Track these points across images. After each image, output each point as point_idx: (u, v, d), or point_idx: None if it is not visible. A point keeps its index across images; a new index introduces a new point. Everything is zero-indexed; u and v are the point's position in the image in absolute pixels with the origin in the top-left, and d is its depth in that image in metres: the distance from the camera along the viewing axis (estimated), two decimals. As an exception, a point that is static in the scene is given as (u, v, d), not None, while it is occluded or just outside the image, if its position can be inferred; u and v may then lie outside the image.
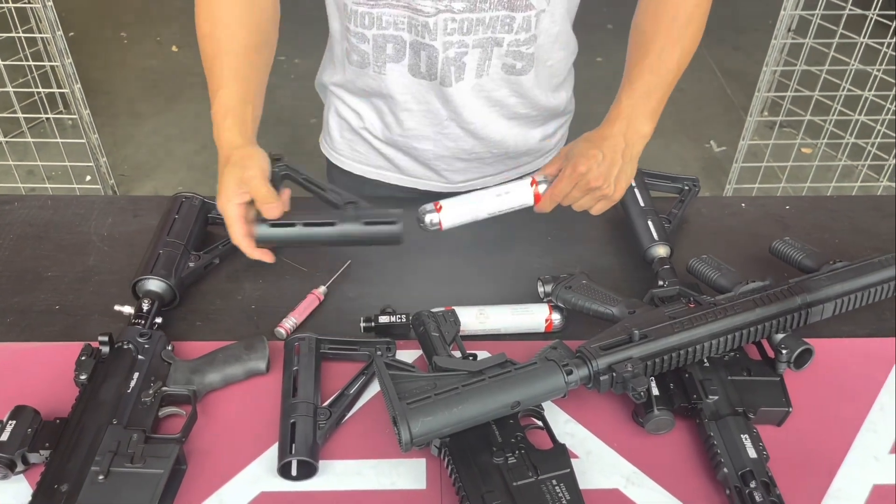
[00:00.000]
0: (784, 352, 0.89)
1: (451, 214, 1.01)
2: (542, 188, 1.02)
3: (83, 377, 0.86)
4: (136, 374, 0.87)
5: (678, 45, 1.02)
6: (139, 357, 0.89)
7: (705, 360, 0.90)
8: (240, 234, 0.93)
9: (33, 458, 0.79)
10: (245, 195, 0.92)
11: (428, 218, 1.01)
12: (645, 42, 1.03)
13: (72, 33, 3.79)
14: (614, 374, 0.82)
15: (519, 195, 1.02)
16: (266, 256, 0.96)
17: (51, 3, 2.37)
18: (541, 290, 1.00)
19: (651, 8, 1.05)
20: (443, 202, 1.01)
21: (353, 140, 1.23)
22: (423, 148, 1.18)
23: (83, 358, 0.87)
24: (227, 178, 0.92)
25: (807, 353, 0.90)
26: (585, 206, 1.01)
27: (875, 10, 2.43)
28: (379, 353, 0.93)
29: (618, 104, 1.01)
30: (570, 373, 0.81)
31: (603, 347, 0.84)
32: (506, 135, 1.17)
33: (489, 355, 0.93)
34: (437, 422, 0.76)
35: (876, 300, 0.98)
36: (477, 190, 1.04)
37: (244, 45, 1.01)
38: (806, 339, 0.91)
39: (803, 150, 2.93)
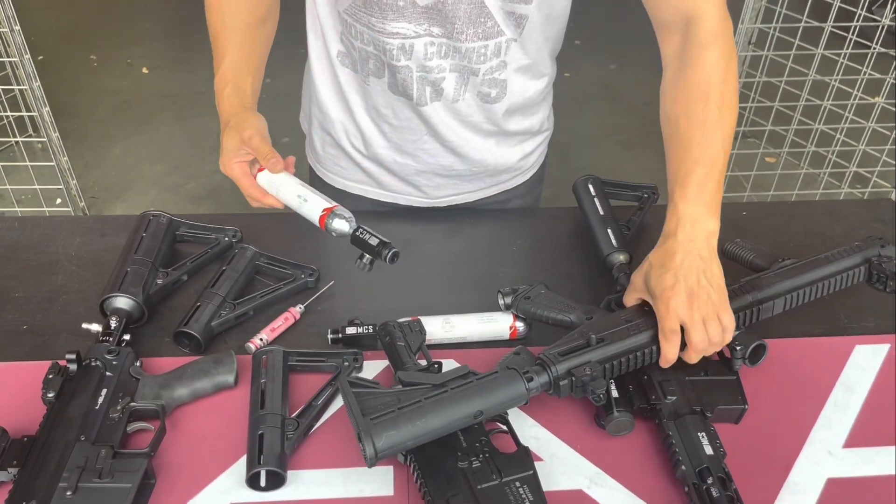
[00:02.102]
0: (738, 349, 0.91)
1: (261, 181, 1.00)
2: (334, 222, 0.93)
3: (51, 395, 0.86)
4: (104, 391, 0.88)
5: (717, 128, 0.93)
6: (107, 374, 0.89)
7: None
8: (249, 186, 0.99)
9: (1, 476, 0.80)
10: (246, 155, 0.98)
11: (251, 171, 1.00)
12: (681, 136, 0.95)
13: (41, 56, 3.78)
14: (573, 379, 0.84)
15: (312, 207, 0.95)
16: (276, 203, 1.00)
17: (18, 28, 2.37)
18: (501, 302, 1.02)
19: (680, 97, 0.96)
20: (261, 174, 1.00)
21: (335, 155, 1.25)
22: (404, 162, 1.20)
23: (50, 376, 0.88)
24: (227, 141, 0.98)
25: (760, 349, 0.93)
26: (716, 331, 0.87)
27: (830, 22, 2.50)
28: (346, 363, 0.95)
29: (674, 211, 0.92)
30: (530, 380, 0.83)
31: (562, 353, 0.86)
32: (484, 154, 1.20)
33: (455, 363, 0.96)
34: (400, 435, 0.76)
35: (824, 294, 1.01)
36: (295, 182, 0.98)
37: (247, 20, 1.07)
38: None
39: (766, 159, 2.99)
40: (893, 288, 1.03)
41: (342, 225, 0.93)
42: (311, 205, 0.95)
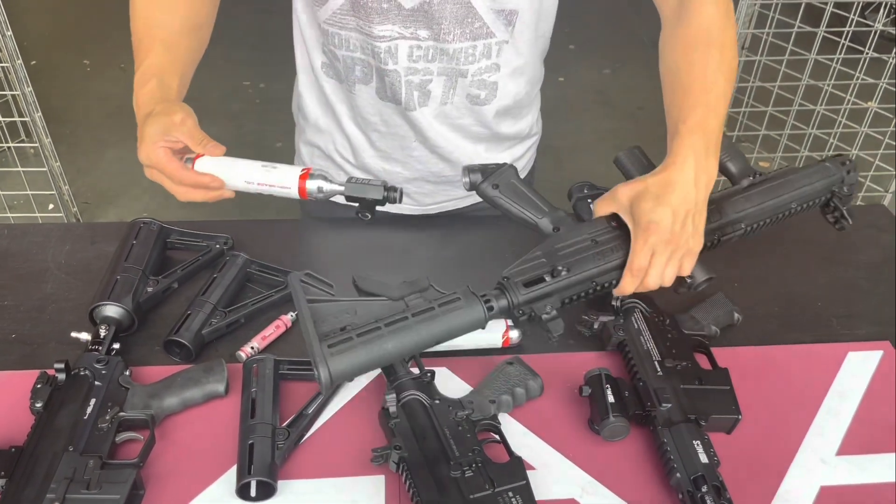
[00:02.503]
0: (689, 280, 0.88)
1: (204, 167, 0.93)
2: (311, 184, 0.91)
3: (39, 405, 0.85)
4: (92, 401, 0.87)
5: (719, 73, 0.91)
6: (96, 383, 0.89)
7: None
8: (178, 168, 0.90)
9: (-12, 487, 0.79)
10: (173, 143, 0.90)
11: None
12: (682, 80, 0.93)
13: (34, 62, 3.77)
14: (532, 314, 0.82)
15: (285, 173, 0.92)
16: (222, 187, 0.92)
17: (10, 33, 2.36)
18: (465, 180, 0.96)
19: (680, 45, 0.96)
20: (201, 160, 0.92)
21: (324, 166, 1.24)
22: (393, 170, 1.20)
23: (39, 386, 0.87)
24: (151, 127, 0.90)
25: (708, 281, 0.90)
26: (671, 275, 0.86)
27: (823, 27, 2.51)
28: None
29: (680, 143, 0.87)
30: (490, 309, 0.80)
31: (525, 283, 0.82)
32: (474, 159, 1.19)
33: (448, 372, 0.95)
34: (357, 364, 0.74)
35: (784, 220, 1.00)
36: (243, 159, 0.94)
37: (179, 25, 1.00)
38: (754, 347, 0.94)
39: (761, 163, 3.00)
40: (843, 226, 1.04)
41: (326, 184, 0.88)
42: (283, 171, 0.89)
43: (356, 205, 0.95)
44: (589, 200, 0.96)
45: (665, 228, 0.83)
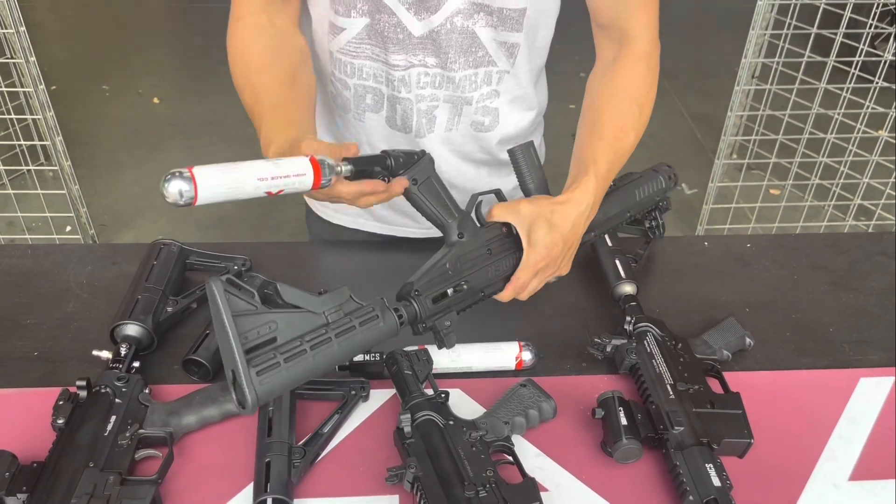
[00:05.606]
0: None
1: (207, 185, 0.78)
2: (327, 171, 0.82)
3: (60, 421, 0.87)
4: (112, 418, 0.88)
5: (633, 129, 1.03)
6: (116, 400, 0.90)
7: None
8: (343, 189, 0.87)
9: (10, 501, 0.80)
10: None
11: (175, 188, 0.75)
12: (603, 124, 1.03)
13: (54, 87, 3.84)
14: (434, 326, 0.88)
15: (295, 164, 0.82)
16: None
17: (33, 59, 2.41)
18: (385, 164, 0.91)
19: (607, 91, 1.06)
20: (196, 170, 0.77)
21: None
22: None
23: (61, 402, 0.89)
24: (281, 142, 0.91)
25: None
26: (537, 289, 0.98)
27: (833, 56, 2.53)
28: (353, 392, 0.95)
29: (586, 181, 0.97)
30: (402, 321, 0.84)
31: (434, 300, 0.87)
32: (478, 182, 1.21)
33: (461, 394, 0.96)
34: (281, 384, 0.73)
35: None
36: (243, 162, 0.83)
37: (277, 82, 1.01)
38: (766, 372, 0.95)
39: (771, 191, 3.01)
40: (656, 235, 1.15)
41: (335, 166, 0.83)
42: (291, 161, 0.82)
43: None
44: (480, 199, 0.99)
45: (555, 255, 0.94)
